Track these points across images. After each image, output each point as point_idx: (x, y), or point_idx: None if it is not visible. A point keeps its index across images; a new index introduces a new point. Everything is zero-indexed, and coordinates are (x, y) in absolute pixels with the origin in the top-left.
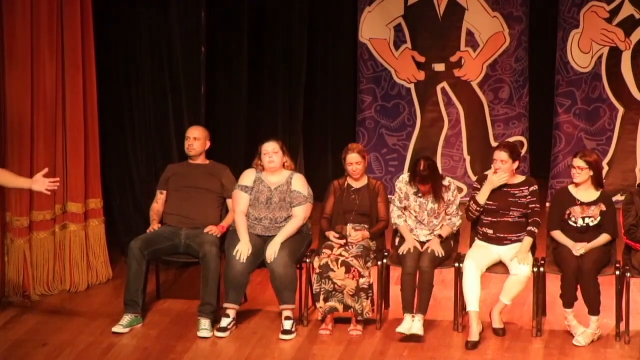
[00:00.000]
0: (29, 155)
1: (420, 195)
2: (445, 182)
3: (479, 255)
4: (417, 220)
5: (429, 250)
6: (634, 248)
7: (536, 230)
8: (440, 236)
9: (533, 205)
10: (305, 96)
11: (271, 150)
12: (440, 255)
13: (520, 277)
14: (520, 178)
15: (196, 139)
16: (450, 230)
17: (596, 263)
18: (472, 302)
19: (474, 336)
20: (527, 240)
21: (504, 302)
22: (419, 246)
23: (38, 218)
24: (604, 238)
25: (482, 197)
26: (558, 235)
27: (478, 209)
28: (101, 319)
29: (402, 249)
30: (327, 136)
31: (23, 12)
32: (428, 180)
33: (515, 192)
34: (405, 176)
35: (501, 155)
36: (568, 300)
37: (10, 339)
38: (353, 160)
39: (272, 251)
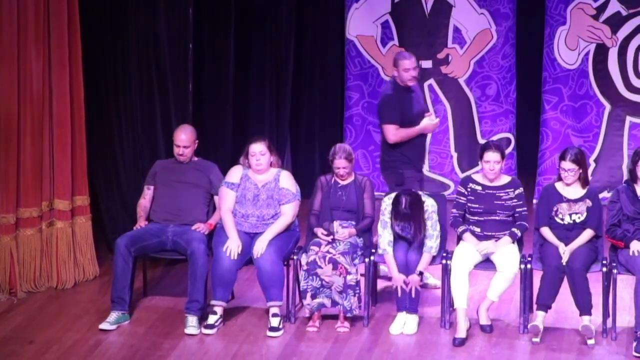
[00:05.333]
0: (15, 152)
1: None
2: (424, 207)
3: (466, 253)
4: (398, 236)
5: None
6: (618, 246)
7: (519, 234)
8: (420, 273)
9: (521, 210)
10: (292, 93)
11: (258, 152)
12: (418, 291)
13: (508, 274)
14: (505, 179)
15: (186, 147)
16: (429, 259)
17: (584, 261)
18: (460, 300)
19: (461, 333)
20: (506, 239)
21: (491, 299)
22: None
23: (25, 215)
24: (587, 234)
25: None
26: (546, 232)
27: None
28: (88, 316)
29: (394, 287)
30: (315, 133)
31: (9, 9)
32: (409, 219)
33: (501, 194)
34: (389, 200)
35: (495, 157)
36: (543, 302)
37: None
38: (340, 165)
39: (259, 247)
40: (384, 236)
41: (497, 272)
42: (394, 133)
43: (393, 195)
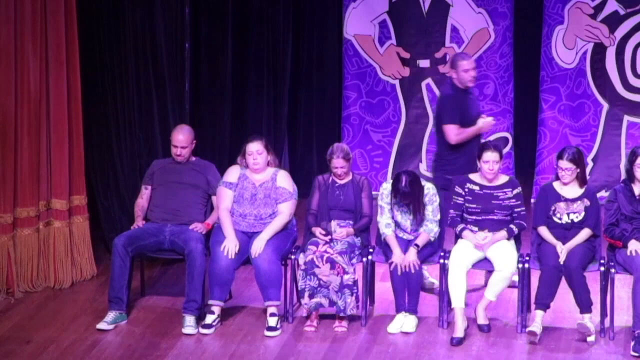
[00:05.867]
0: (12, 151)
1: (402, 205)
2: (425, 190)
3: (464, 252)
4: (399, 227)
5: (406, 267)
6: (616, 245)
7: (516, 231)
8: (416, 245)
9: (519, 209)
10: (290, 92)
11: (255, 151)
12: (416, 269)
13: (505, 274)
14: (503, 179)
15: (184, 148)
16: (427, 238)
17: (582, 260)
18: (458, 299)
19: (459, 332)
20: (501, 234)
21: (488, 299)
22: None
23: (22, 215)
24: (585, 233)
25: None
26: (543, 231)
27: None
28: (85, 315)
29: (392, 265)
30: (313, 132)
31: (7, 8)
32: (409, 197)
33: (499, 194)
34: (388, 185)
35: (494, 157)
36: (542, 301)
37: None
38: (338, 164)
39: (257, 247)
40: (382, 220)
41: (494, 271)
42: (455, 133)
43: (390, 181)
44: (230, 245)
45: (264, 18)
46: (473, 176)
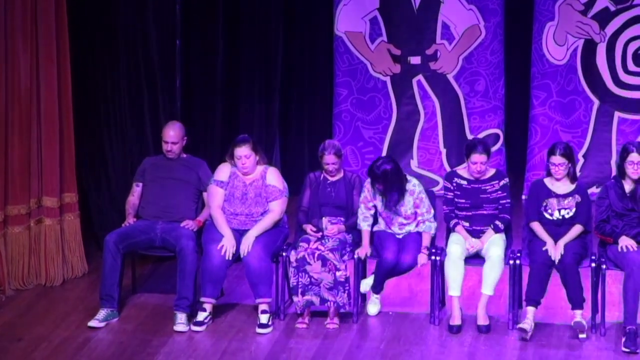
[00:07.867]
0: (3, 149)
1: (382, 194)
2: (410, 186)
3: (462, 241)
4: (386, 224)
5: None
6: (607, 242)
7: (502, 227)
8: (427, 248)
9: (504, 202)
10: (281, 89)
11: (243, 156)
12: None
13: (495, 259)
14: (490, 172)
15: (175, 144)
16: (430, 236)
17: (576, 256)
18: (455, 287)
19: (457, 320)
20: (489, 233)
21: (486, 294)
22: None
23: (13, 212)
24: (577, 229)
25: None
26: (537, 227)
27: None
28: (77, 313)
29: (360, 255)
30: (304, 129)
31: None
32: (381, 180)
33: (487, 187)
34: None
35: (482, 159)
36: (532, 297)
37: None
38: (329, 161)
39: (245, 245)
40: (359, 213)
41: (485, 262)
42: None
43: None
44: (228, 245)
45: (255, 15)
46: (461, 171)
